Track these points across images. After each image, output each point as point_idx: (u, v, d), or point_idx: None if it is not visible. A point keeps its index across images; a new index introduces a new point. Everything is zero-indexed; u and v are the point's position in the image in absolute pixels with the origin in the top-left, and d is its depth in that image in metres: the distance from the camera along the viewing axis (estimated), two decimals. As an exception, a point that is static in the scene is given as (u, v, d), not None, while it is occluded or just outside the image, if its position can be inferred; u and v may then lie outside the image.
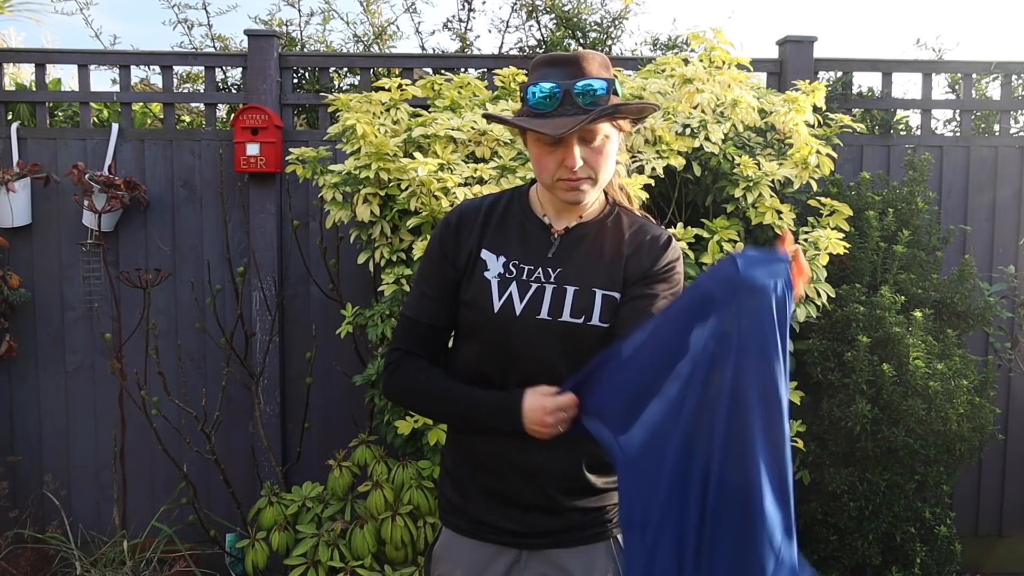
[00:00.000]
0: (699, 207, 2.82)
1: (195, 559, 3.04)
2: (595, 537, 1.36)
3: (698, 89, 2.69)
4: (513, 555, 1.37)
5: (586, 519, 1.36)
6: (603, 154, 1.31)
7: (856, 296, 2.78)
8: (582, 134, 1.28)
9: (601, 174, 1.32)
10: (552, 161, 1.30)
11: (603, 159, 1.32)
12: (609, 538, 1.37)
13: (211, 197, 3.32)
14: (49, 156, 3.31)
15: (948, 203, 3.43)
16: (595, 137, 1.30)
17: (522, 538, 1.36)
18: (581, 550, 1.36)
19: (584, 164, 1.29)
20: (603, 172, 1.32)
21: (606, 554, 1.37)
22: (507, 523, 1.36)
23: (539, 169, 1.34)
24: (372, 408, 2.82)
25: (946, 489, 2.79)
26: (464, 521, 1.40)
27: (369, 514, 2.57)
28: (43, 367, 3.33)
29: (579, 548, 1.36)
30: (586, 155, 1.29)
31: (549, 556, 1.36)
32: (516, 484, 1.35)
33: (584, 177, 1.30)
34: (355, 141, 2.71)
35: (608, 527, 1.37)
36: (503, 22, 4.52)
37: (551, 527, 1.35)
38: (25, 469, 3.33)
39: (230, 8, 4.75)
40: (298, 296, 3.36)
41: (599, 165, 1.31)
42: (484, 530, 1.38)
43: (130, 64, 3.43)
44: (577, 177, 1.30)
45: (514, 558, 1.37)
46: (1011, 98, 3.57)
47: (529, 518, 1.35)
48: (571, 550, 1.36)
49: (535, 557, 1.36)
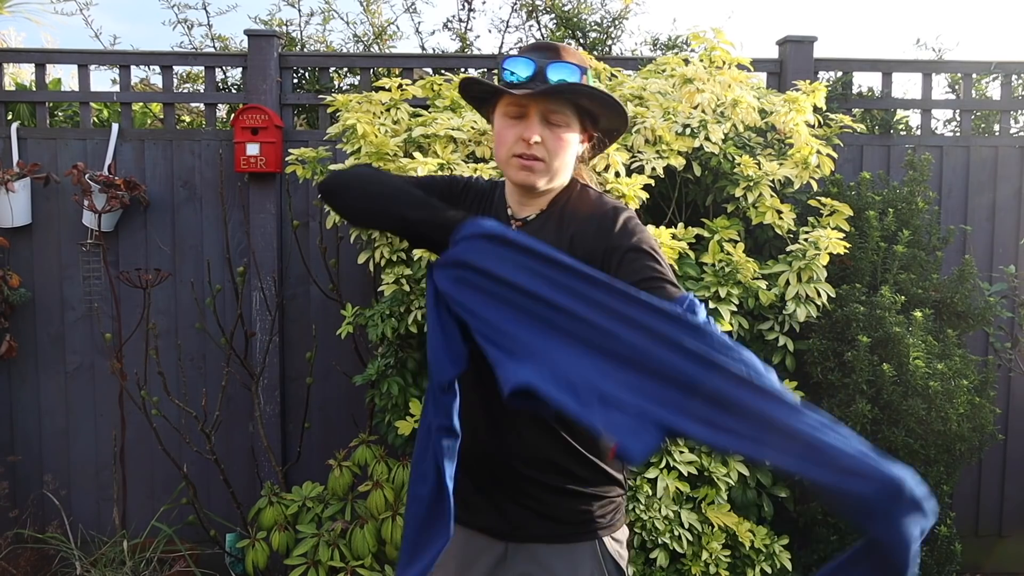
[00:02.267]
0: (699, 207, 2.82)
1: (195, 559, 3.04)
2: (580, 536, 1.35)
3: (698, 89, 2.69)
4: (500, 550, 1.37)
5: (571, 516, 1.35)
6: (562, 140, 1.32)
7: (856, 296, 2.78)
8: (545, 114, 1.31)
9: (555, 160, 1.32)
10: (511, 135, 1.32)
11: (561, 145, 1.32)
12: (595, 539, 1.35)
13: (211, 197, 3.32)
14: (49, 156, 3.31)
15: (948, 203, 3.43)
16: (558, 120, 1.31)
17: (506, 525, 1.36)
18: (566, 548, 1.34)
19: (541, 143, 1.30)
20: (558, 159, 1.32)
21: (592, 555, 1.35)
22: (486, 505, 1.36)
23: (498, 144, 1.35)
24: (372, 408, 2.83)
25: (946, 489, 2.79)
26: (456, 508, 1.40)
27: (369, 514, 2.57)
28: (43, 367, 3.33)
29: (564, 546, 1.34)
30: (545, 135, 1.31)
31: (534, 553, 1.35)
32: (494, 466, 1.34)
33: (539, 157, 1.31)
34: (355, 141, 2.71)
35: (594, 528, 1.35)
36: (503, 22, 4.53)
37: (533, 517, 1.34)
38: (25, 469, 3.33)
39: (230, 8, 4.78)
40: (298, 296, 3.36)
41: (555, 149, 1.32)
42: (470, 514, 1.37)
43: (130, 64, 3.43)
44: (532, 154, 1.31)
45: (501, 553, 1.37)
46: (1011, 98, 3.57)
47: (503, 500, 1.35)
48: (555, 547, 1.34)
49: (520, 553, 1.36)
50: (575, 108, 1.34)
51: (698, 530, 2.48)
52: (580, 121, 1.36)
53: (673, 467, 2.49)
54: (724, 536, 2.50)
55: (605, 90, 1.35)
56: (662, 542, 2.42)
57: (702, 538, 2.48)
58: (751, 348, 2.77)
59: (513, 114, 1.33)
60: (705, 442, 0.97)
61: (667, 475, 2.47)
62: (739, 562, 2.53)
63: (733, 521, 2.50)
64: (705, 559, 2.45)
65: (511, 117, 1.33)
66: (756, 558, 2.53)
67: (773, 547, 2.56)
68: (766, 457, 0.94)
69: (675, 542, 2.42)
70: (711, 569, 2.45)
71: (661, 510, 2.43)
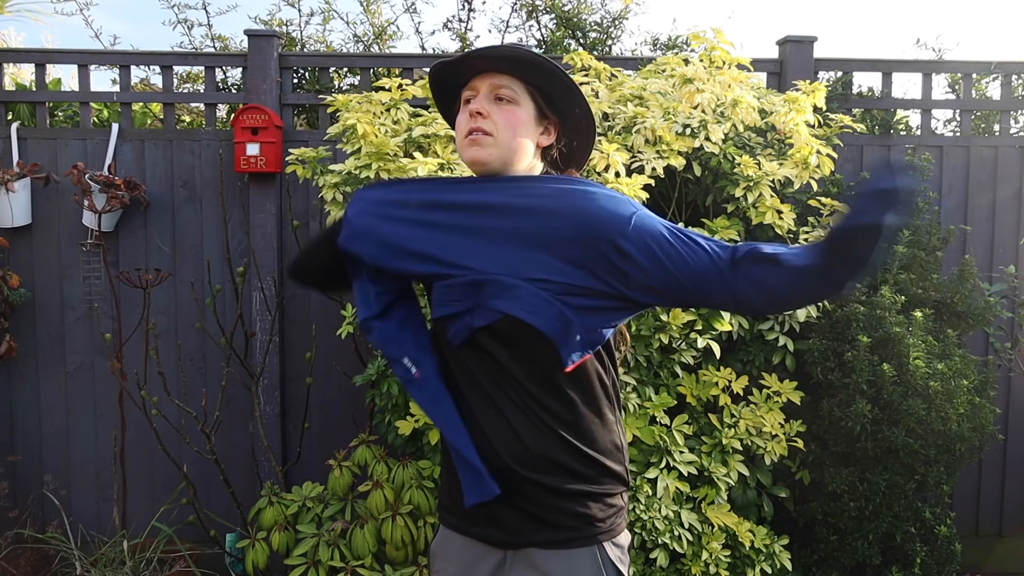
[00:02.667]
0: (699, 207, 2.82)
1: (195, 559, 3.04)
2: (579, 542, 1.31)
3: (698, 89, 2.69)
4: (499, 557, 1.34)
5: (570, 521, 1.31)
6: (511, 113, 1.32)
7: (856, 296, 2.78)
8: (492, 90, 1.32)
9: (505, 134, 1.31)
10: (464, 118, 1.33)
11: (510, 119, 1.31)
12: (595, 545, 1.32)
13: (211, 197, 3.32)
14: (49, 156, 3.31)
15: (948, 203, 3.44)
16: (505, 94, 1.32)
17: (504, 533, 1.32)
18: (564, 554, 1.30)
19: (487, 117, 1.30)
20: (508, 133, 1.31)
21: (591, 561, 1.31)
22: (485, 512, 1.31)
23: (457, 133, 1.37)
24: (372, 408, 2.83)
25: (946, 489, 2.79)
26: (452, 515, 1.39)
27: (369, 514, 2.57)
28: (43, 367, 3.33)
29: (563, 552, 1.30)
30: (492, 110, 1.31)
31: (533, 559, 1.31)
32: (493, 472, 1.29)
33: (487, 131, 1.30)
34: (355, 141, 2.71)
35: (594, 532, 1.32)
36: (503, 22, 4.54)
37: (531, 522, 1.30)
38: (25, 469, 3.33)
39: (230, 8, 4.77)
40: (298, 296, 3.36)
41: (504, 122, 1.31)
42: (468, 523, 1.36)
43: (130, 64, 3.43)
44: (478, 127, 1.30)
45: (500, 560, 1.34)
46: (1011, 98, 3.57)
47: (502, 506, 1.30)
48: (554, 553, 1.30)
49: (519, 559, 1.32)
50: (526, 86, 1.33)
51: (698, 530, 2.48)
52: (534, 100, 1.34)
53: (673, 467, 2.49)
54: (724, 536, 2.50)
55: (544, 57, 1.33)
56: (662, 542, 2.42)
57: (702, 538, 2.48)
58: (751, 348, 2.79)
59: (465, 98, 1.35)
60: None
61: (667, 475, 2.47)
62: (739, 562, 2.53)
63: (733, 521, 2.50)
64: (705, 559, 2.45)
65: (464, 103, 1.35)
66: (756, 558, 2.53)
67: (773, 547, 2.56)
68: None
69: (675, 542, 2.42)
70: (711, 569, 2.45)
71: (661, 510, 2.43)
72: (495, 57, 1.32)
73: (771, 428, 2.62)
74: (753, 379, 2.75)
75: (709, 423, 2.66)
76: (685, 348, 2.61)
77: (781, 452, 2.63)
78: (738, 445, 2.59)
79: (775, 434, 2.63)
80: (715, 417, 2.66)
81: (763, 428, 2.62)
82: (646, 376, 2.59)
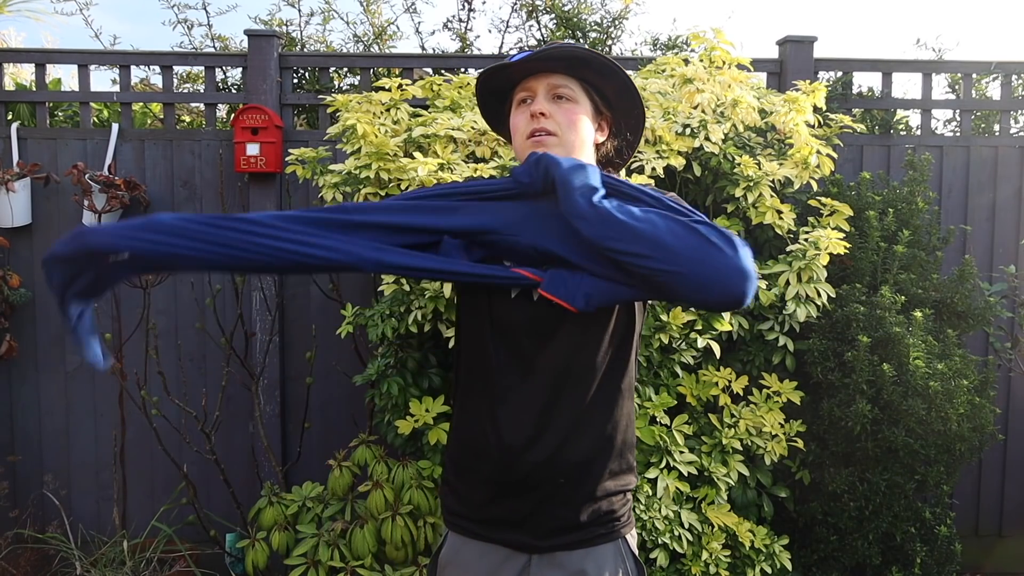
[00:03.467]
0: (699, 207, 2.82)
1: (195, 559, 3.04)
2: (604, 538, 1.32)
3: (698, 89, 2.69)
4: (522, 561, 1.31)
5: (597, 518, 1.31)
6: (571, 112, 1.32)
7: (856, 296, 2.78)
8: (551, 90, 1.32)
9: (568, 133, 1.31)
10: (523, 119, 1.33)
11: (571, 118, 1.32)
12: (618, 539, 1.33)
13: (211, 197, 3.32)
14: (49, 156, 3.31)
15: (948, 203, 3.44)
16: (564, 92, 1.32)
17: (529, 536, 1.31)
18: (590, 552, 1.31)
19: (550, 117, 1.31)
20: (571, 132, 1.32)
21: (615, 554, 1.33)
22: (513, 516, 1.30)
23: (514, 133, 1.36)
24: (372, 408, 2.83)
25: (946, 489, 2.79)
26: (470, 522, 1.35)
27: (369, 514, 2.57)
28: (43, 367, 3.33)
29: (588, 550, 1.31)
30: (553, 110, 1.31)
31: (558, 560, 1.30)
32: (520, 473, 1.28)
33: (551, 131, 1.30)
34: (355, 141, 2.71)
35: (616, 527, 1.33)
36: (503, 22, 4.53)
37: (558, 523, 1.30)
38: (25, 469, 3.33)
39: (230, 8, 4.78)
40: (298, 296, 3.36)
41: (565, 122, 1.31)
42: (491, 529, 1.32)
43: (130, 64, 3.43)
44: (542, 127, 1.30)
45: (523, 564, 1.31)
46: (1011, 98, 3.57)
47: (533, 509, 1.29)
48: (580, 552, 1.30)
49: (545, 562, 1.31)
50: (581, 84, 1.34)
51: (698, 530, 2.48)
52: (590, 98, 1.35)
53: (673, 467, 2.49)
54: (724, 536, 2.50)
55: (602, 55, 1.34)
56: (662, 542, 2.42)
57: (702, 538, 2.48)
58: (751, 348, 2.79)
59: (521, 99, 1.34)
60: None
61: (667, 475, 2.47)
62: (739, 562, 2.53)
63: (733, 521, 2.50)
64: (705, 559, 2.45)
65: (520, 103, 1.34)
66: (756, 558, 2.53)
67: (773, 547, 2.56)
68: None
69: (675, 542, 2.42)
70: (711, 569, 2.45)
71: (661, 510, 2.43)
72: (554, 58, 1.32)
73: (771, 428, 2.62)
74: (753, 379, 2.76)
75: (709, 423, 2.66)
76: (685, 348, 2.61)
77: (781, 452, 2.63)
78: (738, 445, 2.59)
79: (775, 434, 2.63)
80: (715, 417, 2.66)
81: (763, 428, 2.62)
82: (646, 376, 2.59)
